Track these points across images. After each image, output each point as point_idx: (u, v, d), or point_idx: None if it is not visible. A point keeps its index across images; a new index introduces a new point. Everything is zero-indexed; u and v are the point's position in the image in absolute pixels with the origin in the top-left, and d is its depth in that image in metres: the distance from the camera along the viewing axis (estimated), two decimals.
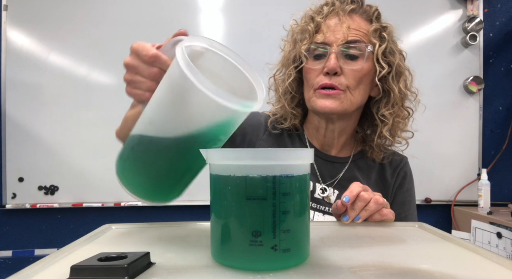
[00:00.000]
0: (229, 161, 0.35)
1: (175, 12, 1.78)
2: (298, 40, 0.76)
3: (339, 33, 0.71)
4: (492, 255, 0.39)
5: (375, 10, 0.77)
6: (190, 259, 0.39)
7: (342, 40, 0.71)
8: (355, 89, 0.72)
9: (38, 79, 1.73)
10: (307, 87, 0.76)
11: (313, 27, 0.74)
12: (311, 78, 0.74)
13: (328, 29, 0.72)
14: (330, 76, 0.71)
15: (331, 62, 0.70)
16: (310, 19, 0.76)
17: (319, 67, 0.73)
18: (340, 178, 0.80)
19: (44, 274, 0.34)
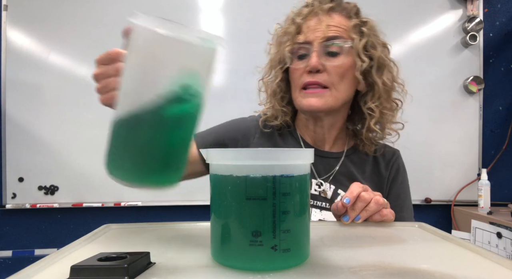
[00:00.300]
0: (229, 161, 0.35)
1: (175, 12, 1.78)
2: (282, 42, 0.78)
3: (319, 31, 0.73)
4: (492, 255, 0.39)
5: (354, 6, 0.79)
6: (190, 259, 0.39)
7: (321, 37, 0.73)
8: (339, 85, 0.74)
9: (38, 79, 1.73)
10: (293, 87, 0.79)
11: (294, 29, 0.76)
12: (296, 78, 0.77)
13: (308, 29, 0.75)
14: (313, 74, 0.73)
15: (312, 60, 0.72)
16: (291, 21, 0.78)
17: (303, 67, 0.75)
18: (335, 173, 0.81)
19: (44, 274, 0.34)
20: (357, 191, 0.55)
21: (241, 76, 1.76)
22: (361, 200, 0.54)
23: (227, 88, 1.78)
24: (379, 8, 1.87)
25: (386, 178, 0.83)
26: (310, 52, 0.74)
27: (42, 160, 1.73)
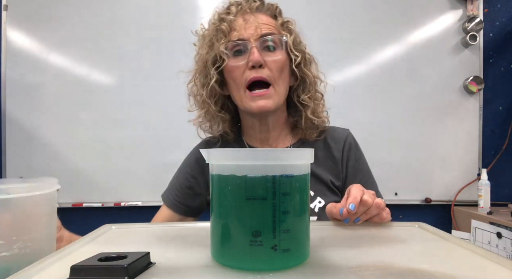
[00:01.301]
0: (229, 161, 0.35)
1: (175, 12, 1.78)
2: (214, 41, 0.77)
3: (252, 28, 0.74)
4: (492, 255, 0.39)
5: (276, 7, 0.82)
6: (190, 259, 0.39)
7: (258, 34, 0.74)
8: (279, 80, 0.76)
9: (38, 79, 1.73)
10: (235, 86, 0.77)
11: (227, 26, 0.76)
12: (237, 76, 0.76)
13: (241, 26, 0.75)
14: (256, 69, 0.73)
15: (255, 55, 0.72)
16: (220, 19, 0.78)
17: (243, 63, 0.74)
18: None
19: (44, 274, 0.34)
20: (360, 195, 0.54)
21: None
22: (363, 204, 0.54)
23: None
24: (379, 8, 1.88)
25: (340, 159, 0.84)
26: (248, 48, 0.74)
27: (42, 160, 1.73)
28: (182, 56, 1.77)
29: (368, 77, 1.81)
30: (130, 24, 1.77)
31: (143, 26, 1.77)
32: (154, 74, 1.77)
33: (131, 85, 1.77)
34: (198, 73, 0.83)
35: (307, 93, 0.82)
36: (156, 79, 1.77)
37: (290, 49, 0.77)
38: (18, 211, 0.48)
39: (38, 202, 0.50)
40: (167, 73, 1.76)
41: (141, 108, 1.76)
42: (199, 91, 0.83)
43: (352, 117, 1.68)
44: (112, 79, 1.77)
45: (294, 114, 0.87)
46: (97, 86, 1.75)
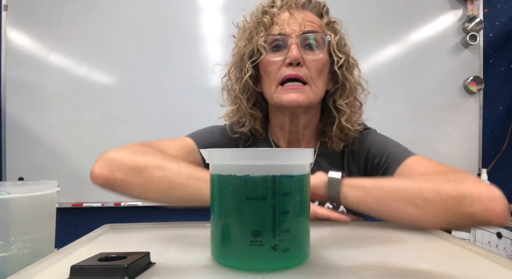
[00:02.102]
0: (229, 161, 0.35)
1: (175, 12, 1.78)
2: (254, 34, 0.74)
3: (295, 24, 0.71)
4: (492, 255, 0.39)
5: (324, 5, 0.78)
6: (190, 259, 0.39)
7: (300, 30, 0.71)
8: (317, 80, 0.72)
9: (38, 79, 1.73)
10: (268, 82, 0.74)
11: (269, 19, 0.73)
12: (273, 71, 0.72)
13: (284, 21, 0.72)
14: (294, 66, 0.70)
15: (293, 52, 0.69)
16: (264, 12, 0.75)
17: (280, 59, 0.71)
18: None
19: (44, 274, 0.34)
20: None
21: None
22: None
23: None
24: (380, 8, 1.88)
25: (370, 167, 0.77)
26: (288, 44, 0.71)
27: (42, 160, 1.72)
28: (182, 56, 1.77)
29: (368, 77, 1.80)
30: (130, 24, 1.77)
31: (143, 26, 1.77)
32: (154, 74, 1.77)
33: (131, 85, 1.77)
34: (233, 66, 0.79)
35: (345, 99, 0.76)
36: (156, 79, 1.77)
37: (333, 50, 0.73)
38: (17, 211, 0.48)
39: (38, 203, 0.50)
40: (167, 73, 1.76)
41: (141, 108, 1.76)
42: (232, 85, 0.79)
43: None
44: (112, 79, 1.77)
45: (325, 120, 0.81)
46: (97, 86, 1.75)
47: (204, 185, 0.55)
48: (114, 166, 0.58)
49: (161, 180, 0.56)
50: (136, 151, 0.60)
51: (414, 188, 0.52)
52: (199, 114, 1.80)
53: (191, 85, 1.77)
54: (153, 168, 0.56)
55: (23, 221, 0.48)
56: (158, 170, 0.56)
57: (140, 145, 0.65)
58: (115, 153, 0.60)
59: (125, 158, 0.58)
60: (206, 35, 1.79)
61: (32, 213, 0.50)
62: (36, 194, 0.49)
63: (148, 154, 0.60)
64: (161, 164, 0.57)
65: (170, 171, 0.56)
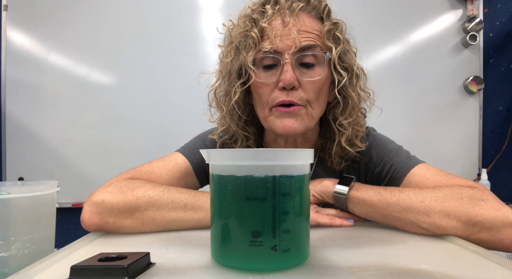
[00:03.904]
0: (229, 161, 0.35)
1: (175, 12, 1.78)
2: (242, 48, 0.64)
3: (289, 38, 0.61)
4: (492, 255, 0.39)
5: (325, 6, 0.66)
6: (190, 259, 0.39)
7: (295, 47, 0.61)
8: (315, 102, 0.64)
9: (38, 79, 1.73)
10: (260, 104, 0.66)
11: (257, 33, 0.62)
12: (264, 94, 0.64)
13: (276, 34, 0.61)
14: (287, 91, 0.62)
15: (287, 76, 0.60)
16: (251, 21, 0.65)
17: (273, 81, 0.63)
18: None
19: (44, 274, 0.34)
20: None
21: None
22: None
23: None
24: (379, 8, 1.88)
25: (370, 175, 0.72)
26: (282, 64, 0.62)
27: (42, 160, 1.72)
28: (182, 56, 1.77)
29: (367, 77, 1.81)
30: (130, 24, 1.77)
31: (143, 26, 1.77)
32: (154, 74, 1.77)
33: (131, 85, 1.77)
34: (221, 81, 0.70)
35: (347, 118, 0.67)
36: (156, 79, 1.77)
37: (334, 67, 0.64)
38: (17, 211, 0.48)
39: (38, 203, 0.50)
40: (167, 73, 1.76)
41: (141, 108, 1.76)
42: (218, 103, 0.71)
43: None
44: (112, 79, 1.77)
45: (325, 135, 0.73)
46: (97, 86, 1.75)
47: (202, 215, 0.54)
48: (104, 211, 0.54)
49: (156, 219, 0.54)
50: (124, 188, 0.56)
51: (422, 209, 0.51)
52: (199, 114, 1.80)
53: (191, 85, 1.77)
54: (145, 207, 0.53)
55: (23, 221, 0.48)
56: (151, 209, 0.53)
57: (127, 177, 0.61)
58: (102, 195, 0.56)
59: (114, 200, 0.54)
60: (206, 35, 1.79)
61: (32, 213, 0.50)
62: (36, 194, 0.49)
63: (137, 188, 0.55)
64: (153, 200, 0.54)
65: (164, 207, 0.53)
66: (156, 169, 0.66)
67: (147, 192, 0.55)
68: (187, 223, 0.54)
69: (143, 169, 0.65)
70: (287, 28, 0.61)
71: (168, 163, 0.68)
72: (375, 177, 0.70)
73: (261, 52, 0.62)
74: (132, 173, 0.63)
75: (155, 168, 0.66)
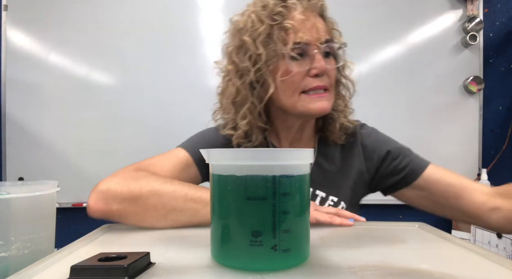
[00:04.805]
0: (230, 161, 0.35)
1: (175, 12, 1.78)
2: (274, 39, 0.69)
3: (314, 31, 0.69)
4: (492, 255, 0.39)
5: (322, 4, 0.74)
6: (190, 259, 0.39)
7: (322, 39, 0.69)
8: (333, 87, 0.74)
9: (38, 79, 1.73)
10: (289, 92, 0.70)
11: (293, 23, 0.68)
12: (295, 82, 0.69)
13: (304, 27, 0.69)
14: (320, 77, 0.70)
15: (321, 63, 0.68)
16: (277, 14, 0.69)
17: (305, 69, 0.69)
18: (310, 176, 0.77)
19: (44, 274, 0.34)
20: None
21: None
22: None
23: None
24: (379, 8, 1.88)
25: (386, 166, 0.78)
26: (310, 53, 0.69)
27: (42, 160, 1.72)
28: (182, 55, 1.77)
29: (368, 77, 1.81)
30: (130, 24, 1.77)
31: (143, 26, 1.77)
32: (154, 73, 1.77)
33: (131, 85, 1.77)
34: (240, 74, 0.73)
35: (344, 100, 0.80)
36: (156, 78, 1.77)
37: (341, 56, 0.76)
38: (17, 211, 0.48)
39: (38, 203, 0.50)
40: (167, 72, 1.76)
41: (141, 108, 1.76)
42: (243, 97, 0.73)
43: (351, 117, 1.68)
44: (112, 79, 1.77)
45: (324, 118, 0.81)
46: (97, 86, 1.75)
47: (201, 206, 0.55)
48: (108, 198, 0.57)
49: (157, 207, 0.56)
50: (129, 178, 0.59)
51: None
52: (198, 114, 1.79)
53: (191, 85, 1.77)
54: (148, 195, 0.56)
55: (23, 221, 0.48)
56: (153, 197, 0.56)
57: (131, 169, 0.64)
58: (108, 184, 0.59)
59: (119, 188, 0.58)
60: (206, 35, 1.79)
61: (32, 213, 0.50)
62: (36, 194, 0.49)
63: (141, 179, 0.59)
64: (156, 189, 0.57)
65: (166, 196, 0.56)
66: (158, 162, 0.70)
67: (150, 182, 0.58)
68: (186, 212, 0.56)
69: (146, 163, 0.69)
70: (311, 22, 0.70)
71: (169, 157, 0.73)
72: (392, 168, 0.78)
73: (294, 44, 0.68)
74: (136, 166, 0.67)
75: (157, 162, 0.70)
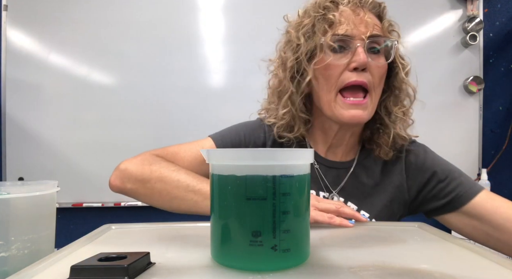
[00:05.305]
0: (229, 161, 0.35)
1: (175, 12, 1.78)
2: (316, 30, 0.67)
3: (361, 25, 0.66)
4: (492, 255, 0.39)
5: (384, 6, 0.72)
6: (190, 259, 0.39)
7: (368, 33, 0.65)
8: (378, 88, 0.68)
9: (38, 79, 1.73)
10: (327, 87, 0.67)
11: (337, 17, 0.65)
12: (333, 75, 0.66)
13: (349, 20, 0.66)
14: (358, 72, 0.65)
15: (361, 56, 0.63)
16: (325, 8, 0.68)
17: (344, 62, 0.65)
18: (344, 184, 0.74)
19: (44, 274, 0.34)
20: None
21: (241, 76, 1.76)
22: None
23: (227, 88, 1.78)
24: None
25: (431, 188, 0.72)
26: (352, 46, 0.65)
27: (42, 160, 1.72)
28: (182, 56, 1.77)
29: None
30: (130, 24, 1.77)
31: (143, 26, 1.77)
32: (154, 74, 1.77)
33: (131, 85, 1.77)
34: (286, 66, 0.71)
35: (401, 107, 0.73)
36: (156, 79, 1.77)
37: (398, 56, 0.71)
38: (17, 211, 0.48)
39: (38, 203, 0.50)
40: (167, 73, 1.76)
41: (141, 108, 1.76)
42: (285, 87, 0.71)
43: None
44: (112, 79, 1.77)
45: (373, 126, 0.75)
46: (97, 86, 1.75)
47: (200, 199, 0.59)
48: (124, 177, 0.65)
49: (162, 192, 0.62)
50: (145, 161, 0.65)
51: None
52: (199, 114, 1.80)
53: (191, 85, 1.77)
54: (155, 180, 0.62)
55: (23, 221, 0.48)
56: (159, 183, 0.62)
57: (153, 153, 0.69)
58: (127, 164, 0.66)
59: (134, 170, 0.65)
60: (206, 35, 1.79)
61: (32, 213, 0.50)
62: (36, 194, 0.49)
63: (154, 164, 0.64)
64: (163, 176, 0.62)
65: (170, 184, 0.61)
66: (182, 150, 0.72)
67: (161, 169, 0.63)
68: (186, 202, 0.60)
69: (170, 149, 0.72)
70: (359, 17, 0.66)
71: (195, 146, 0.73)
72: (436, 191, 0.71)
73: (336, 35, 0.65)
74: (160, 151, 0.71)
75: (181, 150, 0.72)
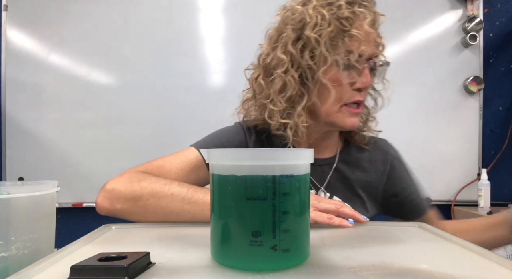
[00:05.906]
0: (229, 161, 0.35)
1: (175, 12, 1.78)
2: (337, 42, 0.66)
3: (371, 44, 0.68)
4: (492, 255, 0.39)
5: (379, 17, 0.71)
6: (190, 259, 0.39)
7: (373, 54, 0.69)
8: None
9: (38, 79, 1.73)
10: (330, 99, 0.69)
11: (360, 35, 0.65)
12: (340, 91, 0.68)
13: (363, 38, 0.66)
14: (362, 92, 0.70)
15: (368, 79, 0.68)
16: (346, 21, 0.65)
17: (351, 81, 0.68)
18: (329, 179, 0.78)
19: (44, 274, 0.34)
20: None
21: (241, 76, 1.76)
22: None
23: (227, 88, 1.78)
24: (379, 8, 1.87)
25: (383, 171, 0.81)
26: (362, 67, 0.68)
27: (42, 160, 1.72)
28: (183, 56, 1.77)
29: None
30: (130, 24, 1.77)
31: (143, 26, 1.77)
32: (154, 74, 1.77)
33: (131, 85, 1.77)
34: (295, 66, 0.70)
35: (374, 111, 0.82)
36: (156, 79, 1.77)
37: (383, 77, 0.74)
38: (17, 211, 0.48)
39: (38, 203, 0.50)
40: (167, 73, 1.76)
41: (141, 108, 1.76)
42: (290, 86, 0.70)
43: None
44: (112, 79, 1.77)
45: None
46: (97, 86, 1.75)
47: (198, 210, 0.57)
48: (113, 197, 0.62)
49: (156, 209, 0.59)
50: (133, 179, 0.63)
51: None
52: (199, 114, 1.80)
53: (191, 85, 1.77)
54: (147, 197, 0.59)
55: (23, 221, 0.48)
56: (152, 199, 0.59)
57: (139, 170, 0.67)
58: (113, 184, 0.63)
59: (122, 189, 0.62)
60: (206, 35, 1.79)
61: (32, 213, 0.50)
62: (36, 194, 0.49)
63: (143, 181, 0.62)
64: (155, 191, 0.60)
65: (164, 199, 0.59)
66: (167, 163, 0.71)
67: (151, 185, 0.60)
68: (184, 215, 0.58)
69: (155, 164, 0.70)
70: (373, 36, 0.68)
71: (179, 157, 0.72)
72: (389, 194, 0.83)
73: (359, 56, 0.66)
74: (144, 167, 0.69)
75: (166, 163, 0.71)
